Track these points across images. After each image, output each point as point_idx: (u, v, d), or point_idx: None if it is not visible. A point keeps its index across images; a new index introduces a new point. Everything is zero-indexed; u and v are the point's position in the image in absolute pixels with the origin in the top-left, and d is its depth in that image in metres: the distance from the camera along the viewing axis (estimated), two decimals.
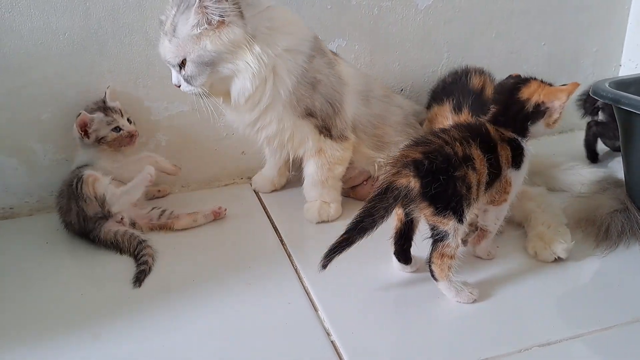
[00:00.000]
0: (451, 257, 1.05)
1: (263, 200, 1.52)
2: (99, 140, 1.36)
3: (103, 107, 1.38)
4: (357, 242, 1.02)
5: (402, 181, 1.00)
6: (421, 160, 1.01)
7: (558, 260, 1.19)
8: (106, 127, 1.36)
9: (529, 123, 1.10)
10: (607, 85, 1.34)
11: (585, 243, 1.25)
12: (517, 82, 1.13)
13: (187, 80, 1.21)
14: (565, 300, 1.12)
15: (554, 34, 1.81)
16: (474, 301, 1.08)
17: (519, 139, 1.11)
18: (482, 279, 1.15)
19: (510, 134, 1.10)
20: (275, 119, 1.29)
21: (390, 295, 1.12)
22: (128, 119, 1.40)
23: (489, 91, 1.33)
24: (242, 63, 1.20)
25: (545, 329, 1.02)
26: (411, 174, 1.00)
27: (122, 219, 1.31)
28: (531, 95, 1.10)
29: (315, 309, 1.08)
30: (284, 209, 1.45)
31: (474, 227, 1.22)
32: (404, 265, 1.16)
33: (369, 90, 1.41)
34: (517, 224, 1.31)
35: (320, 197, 1.40)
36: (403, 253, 1.15)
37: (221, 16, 1.15)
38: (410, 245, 1.14)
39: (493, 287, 1.12)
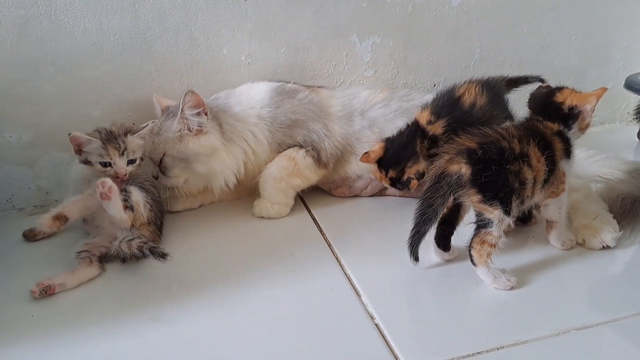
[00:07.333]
0: (492, 245, 1.09)
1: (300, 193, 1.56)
2: (86, 162, 1.31)
3: (109, 137, 1.29)
4: (428, 232, 1.11)
5: (454, 167, 1.06)
6: (475, 149, 1.07)
7: (605, 248, 1.23)
8: (96, 157, 1.29)
9: (570, 122, 1.16)
10: None
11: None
12: (552, 90, 1.20)
13: (162, 171, 1.39)
14: (601, 286, 1.15)
15: (584, 29, 1.82)
16: (511, 288, 1.11)
17: (565, 130, 1.16)
18: (518, 265, 1.19)
19: (557, 127, 1.16)
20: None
21: (429, 280, 1.16)
22: (131, 160, 1.31)
23: (469, 96, 1.34)
24: (219, 163, 1.40)
25: (581, 313, 1.06)
26: (463, 160, 1.06)
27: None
28: (565, 99, 1.17)
29: (358, 294, 1.13)
30: (321, 201, 1.51)
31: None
32: (442, 251, 1.20)
33: (351, 109, 1.50)
34: None
35: (269, 198, 1.44)
36: (443, 238, 1.19)
37: (200, 127, 1.35)
38: (451, 233, 1.18)
39: (529, 274, 1.16)
